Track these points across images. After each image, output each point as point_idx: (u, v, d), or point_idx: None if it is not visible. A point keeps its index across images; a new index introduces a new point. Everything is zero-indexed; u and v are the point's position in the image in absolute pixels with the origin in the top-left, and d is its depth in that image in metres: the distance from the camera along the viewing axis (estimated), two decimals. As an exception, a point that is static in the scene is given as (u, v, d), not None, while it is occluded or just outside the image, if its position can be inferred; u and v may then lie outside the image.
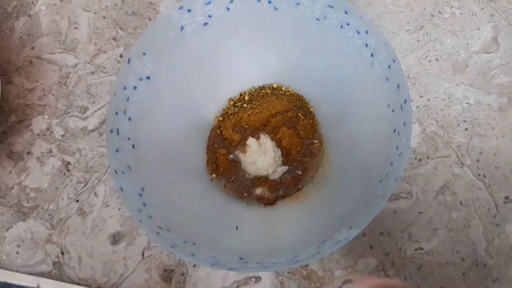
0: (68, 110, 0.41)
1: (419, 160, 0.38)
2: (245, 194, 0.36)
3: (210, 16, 0.34)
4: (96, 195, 0.39)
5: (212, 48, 0.36)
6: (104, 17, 0.44)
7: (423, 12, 0.42)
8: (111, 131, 0.31)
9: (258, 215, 0.35)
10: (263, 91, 0.39)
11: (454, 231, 0.36)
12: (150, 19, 0.43)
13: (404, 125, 0.29)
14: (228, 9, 0.34)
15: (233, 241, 0.32)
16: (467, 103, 0.39)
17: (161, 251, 0.37)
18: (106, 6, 0.44)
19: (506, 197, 0.37)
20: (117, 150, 0.31)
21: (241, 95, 0.39)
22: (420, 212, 0.37)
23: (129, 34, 0.43)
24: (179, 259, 0.37)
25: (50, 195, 0.39)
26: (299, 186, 0.37)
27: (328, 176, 0.36)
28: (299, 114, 0.38)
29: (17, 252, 0.38)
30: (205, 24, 0.35)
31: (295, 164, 0.37)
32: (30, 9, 0.44)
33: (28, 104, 0.42)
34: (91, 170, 0.40)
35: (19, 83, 0.42)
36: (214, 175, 0.37)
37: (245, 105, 0.38)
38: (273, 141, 0.37)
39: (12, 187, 0.40)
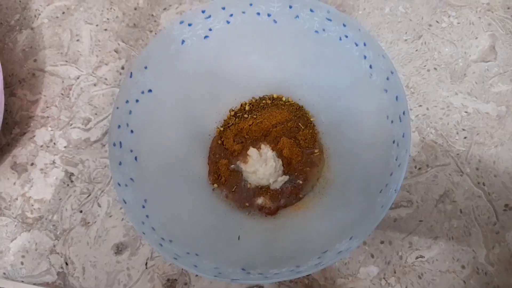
0: (71, 122, 0.42)
1: (419, 168, 0.39)
2: (247, 204, 0.37)
3: (210, 30, 0.35)
4: (99, 205, 0.39)
5: (212, 60, 0.37)
6: (106, 30, 0.44)
7: (421, 22, 0.42)
8: (114, 144, 0.32)
9: (259, 225, 0.36)
10: (264, 101, 0.39)
11: (455, 239, 0.37)
12: (151, 31, 0.44)
13: (403, 136, 0.30)
14: (228, 22, 0.35)
15: (235, 251, 0.33)
16: (466, 112, 0.40)
17: (164, 261, 0.38)
18: (108, 19, 0.45)
19: (506, 205, 0.37)
20: (120, 163, 0.31)
21: (241, 105, 0.39)
22: (420, 221, 0.37)
23: (130, 46, 0.44)
24: (182, 269, 0.37)
25: (54, 206, 0.40)
26: (300, 196, 0.37)
27: (329, 185, 0.37)
28: (299, 124, 0.38)
29: (22, 263, 0.39)
30: (206, 37, 0.35)
31: (296, 173, 0.37)
32: (32, 22, 0.45)
33: (32, 116, 0.42)
34: (94, 181, 0.40)
35: (22, 95, 0.43)
36: (215, 186, 0.37)
37: (245, 116, 0.39)
38: (274, 151, 0.37)
39: (16, 199, 0.40)
